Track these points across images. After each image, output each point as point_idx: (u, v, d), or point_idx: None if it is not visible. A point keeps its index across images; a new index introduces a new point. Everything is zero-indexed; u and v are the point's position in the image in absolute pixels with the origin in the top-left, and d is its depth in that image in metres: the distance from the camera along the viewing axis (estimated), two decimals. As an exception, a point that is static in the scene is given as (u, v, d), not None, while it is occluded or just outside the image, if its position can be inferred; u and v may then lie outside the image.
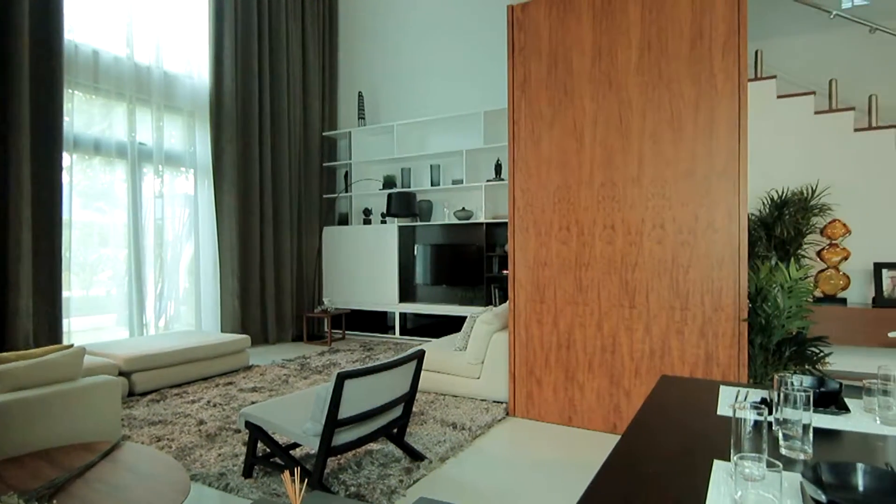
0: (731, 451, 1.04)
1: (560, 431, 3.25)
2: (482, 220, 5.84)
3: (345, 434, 2.31)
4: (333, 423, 2.18)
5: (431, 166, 6.28)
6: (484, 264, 5.84)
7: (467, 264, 5.98)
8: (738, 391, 1.63)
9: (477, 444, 3.03)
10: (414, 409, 3.55)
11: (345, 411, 2.22)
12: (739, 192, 2.88)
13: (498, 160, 5.87)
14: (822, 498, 0.86)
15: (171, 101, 5.34)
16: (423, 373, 4.00)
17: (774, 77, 4.44)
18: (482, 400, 3.77)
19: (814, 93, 4.33)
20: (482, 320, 3.79)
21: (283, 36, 6.25)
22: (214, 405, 3.70)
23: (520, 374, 3.49)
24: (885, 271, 3.93)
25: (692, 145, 2.99)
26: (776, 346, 2.84)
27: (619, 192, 3.17)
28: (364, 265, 6.52)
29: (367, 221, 6.82)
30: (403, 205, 6.07)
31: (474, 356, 3.78)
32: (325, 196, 6.96)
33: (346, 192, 6.79)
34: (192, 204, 5.57)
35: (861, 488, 0.96)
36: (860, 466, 0.97)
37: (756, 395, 1.58)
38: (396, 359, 2.45)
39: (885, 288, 3.91)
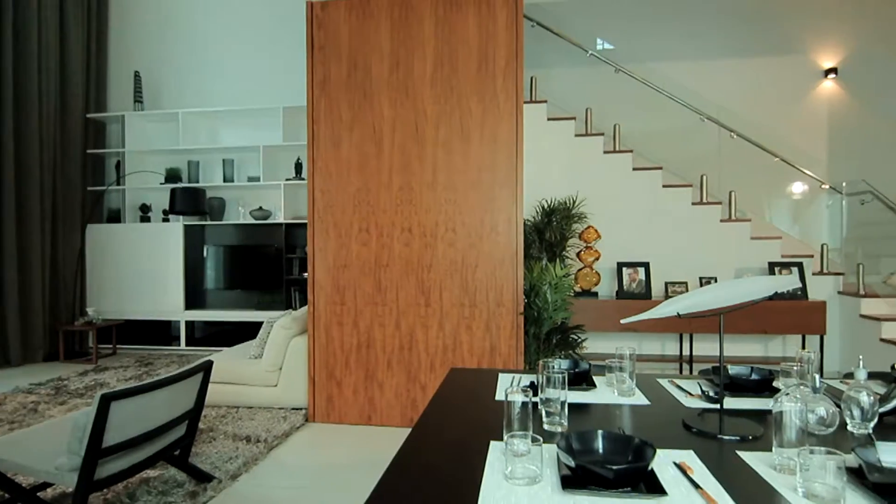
0: (504, 431, 1.17)
1: (360, 432, 3.28)
2: (281, 220, 5.60)
3: (112, 464, 2.01)
4: (96, 453, 1.88)
5: (224, 161, 5.81)
6: (283, 266, 5.61)
7: (265, 267, 5.67)
8: (514, 377, 1.83)
9: (273, 456, 2.89)
10: (201, 425, 3.24)
11: (111, 438, 1.93)
12: (517, 200, 3.25)
13: (298, 158, 5.69)
14: (572, 463, 1.01)
15: None
16: (211, 385, 3.67)
17: (545, 101, 5.11)
18: (280, 408, 3.61)
19: (574, 118, 5.10)
20: (280, 325, 3.64)
21: (30, -6, 5.19)
22: (-77, 449, 2.90)
23: (319, 378, 3.43)
24: (625, 269, 4.81)
25: (478, 157, 3.27)
26: (546, 335, 3.27)
27: (416, 196, 3.33)
28: (141, 269, 5.72)
29: (144, 219, 6.01)
30: (190, 202, 5.50)
31: (271, 363, 3.60)
32: (89, 188, 5.94)
33: (118, 184, 5.90)
34: None
35: (601, 451, 1.15)
36: (599, 432, 1.17)
37: (528, 379, 1.79)
38: (177, 373, 2.21)
39: (625, 283, 4.78)
